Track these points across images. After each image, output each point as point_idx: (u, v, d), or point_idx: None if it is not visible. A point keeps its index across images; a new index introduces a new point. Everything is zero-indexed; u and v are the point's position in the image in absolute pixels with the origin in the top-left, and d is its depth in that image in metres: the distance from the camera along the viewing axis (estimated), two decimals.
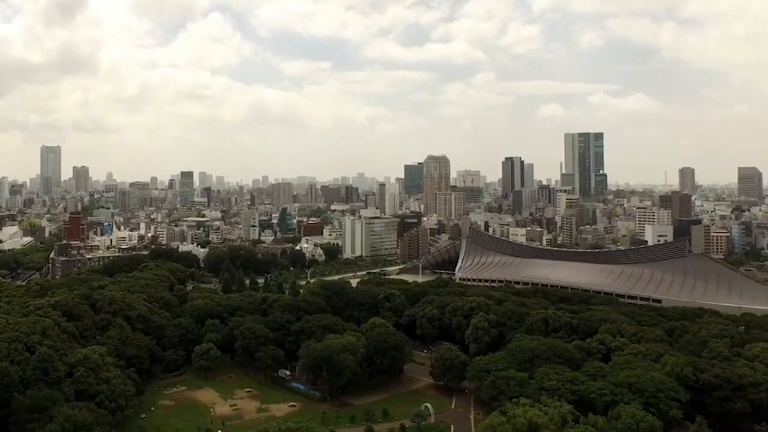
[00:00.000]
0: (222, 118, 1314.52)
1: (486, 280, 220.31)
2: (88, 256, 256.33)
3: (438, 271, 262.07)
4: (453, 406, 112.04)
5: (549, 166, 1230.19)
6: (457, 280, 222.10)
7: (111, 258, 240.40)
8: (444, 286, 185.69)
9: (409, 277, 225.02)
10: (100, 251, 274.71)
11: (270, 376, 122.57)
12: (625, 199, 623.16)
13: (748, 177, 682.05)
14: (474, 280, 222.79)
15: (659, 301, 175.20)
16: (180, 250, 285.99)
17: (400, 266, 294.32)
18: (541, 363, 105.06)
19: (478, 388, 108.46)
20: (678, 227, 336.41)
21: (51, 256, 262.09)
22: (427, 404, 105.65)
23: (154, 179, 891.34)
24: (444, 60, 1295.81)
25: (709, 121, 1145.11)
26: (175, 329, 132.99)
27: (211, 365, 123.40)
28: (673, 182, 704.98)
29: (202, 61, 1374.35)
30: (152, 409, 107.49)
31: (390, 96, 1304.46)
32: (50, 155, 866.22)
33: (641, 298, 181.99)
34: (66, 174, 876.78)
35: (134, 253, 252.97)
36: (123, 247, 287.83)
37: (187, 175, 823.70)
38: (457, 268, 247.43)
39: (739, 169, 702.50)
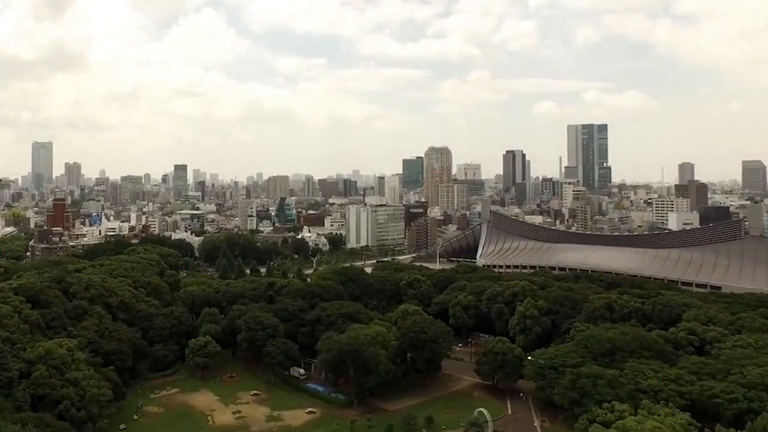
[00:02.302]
0: (216, 116, 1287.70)
1: (516, 267, 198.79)
2: (71, 244, 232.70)
3: (455, 259, 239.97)
4: (509, 411, 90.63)
5: (544, 162, 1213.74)
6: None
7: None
8: (472, 272, 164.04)
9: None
10: (86, 239, 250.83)
11: (280, 375, 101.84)
12: (632, 192, 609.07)
13: (753, 170, 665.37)
14: (501, 266, 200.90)
15: (719, 288, 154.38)
16: (173, 238, 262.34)
17: (412, 255, 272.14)
18: (625, 357, 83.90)
19: (541, 389, 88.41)
20: (704, 215, 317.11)
21: (30, 243, 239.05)
22: (481, 409, 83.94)
23: (147, 176, 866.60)
24: (439, 57, 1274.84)
25: (703, 119, 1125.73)
26: (165, 319, 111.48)
27: (208, 362, 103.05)
28: (669, 179, 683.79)
29: (195, 58, 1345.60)
30: (135, 417, 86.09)
31: (384, 93, 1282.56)
32: (41, 151, 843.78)
33: (697, 285, 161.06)
34: (58, 171, 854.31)
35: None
36: (110, 235, 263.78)
37: (180, 169, 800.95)
38: (478, 254, 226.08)
39: (743, 162, 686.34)
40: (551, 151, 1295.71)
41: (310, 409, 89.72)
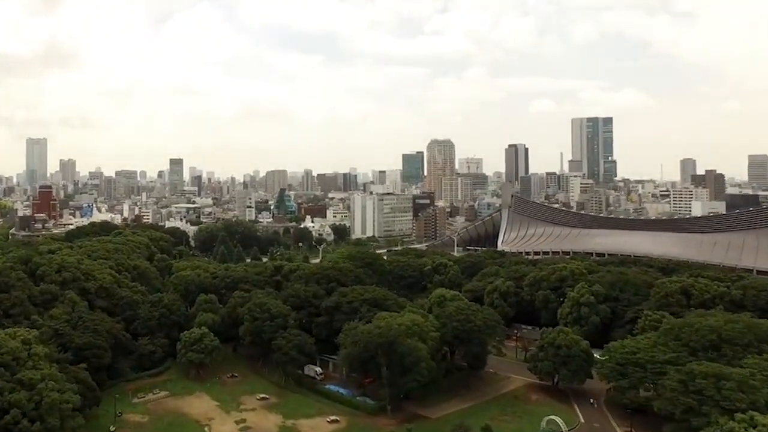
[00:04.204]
0: (212, 113, 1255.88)
1: (545, 253, 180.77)
2: (55, 232, 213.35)
3: (471, 248, 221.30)
4: (581, 419, 72.60)
5: (543, 159, 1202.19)
6: None
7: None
8: (501, 257, 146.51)
9: None
10: (72, 227, 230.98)
11: (293, 374, 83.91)
12: (640, 186, 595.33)
13: (759, 165, 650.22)
14: (528, 253, 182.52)
15: None
16: (166, 227, 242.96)
17: (425, 245, 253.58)
18: (737, 352, 66.43)
19: (620, 391, 71.13)
20: (730, 203, 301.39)
21: (11, 230, 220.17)
22: (553, 417, 66.49)
23: (143, 173, 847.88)
24: (436, 54, 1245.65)
25: (701, 116, 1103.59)
26: (153, 308, 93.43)
27: (205, 359, 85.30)
28: (667, 176, 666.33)
29: (191, 55, 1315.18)
30: (112, 428, 68.52)
31: (382, 91, 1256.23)
32: (36, 147, 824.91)
33: (759, 272, 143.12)
34: (53, 168, 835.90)
35: None
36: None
37: (176, 163, 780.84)
38: (499, 241, 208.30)
39: (749, 156, 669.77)
40: (549, 149, 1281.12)
41: (332, 417, 72.00)
